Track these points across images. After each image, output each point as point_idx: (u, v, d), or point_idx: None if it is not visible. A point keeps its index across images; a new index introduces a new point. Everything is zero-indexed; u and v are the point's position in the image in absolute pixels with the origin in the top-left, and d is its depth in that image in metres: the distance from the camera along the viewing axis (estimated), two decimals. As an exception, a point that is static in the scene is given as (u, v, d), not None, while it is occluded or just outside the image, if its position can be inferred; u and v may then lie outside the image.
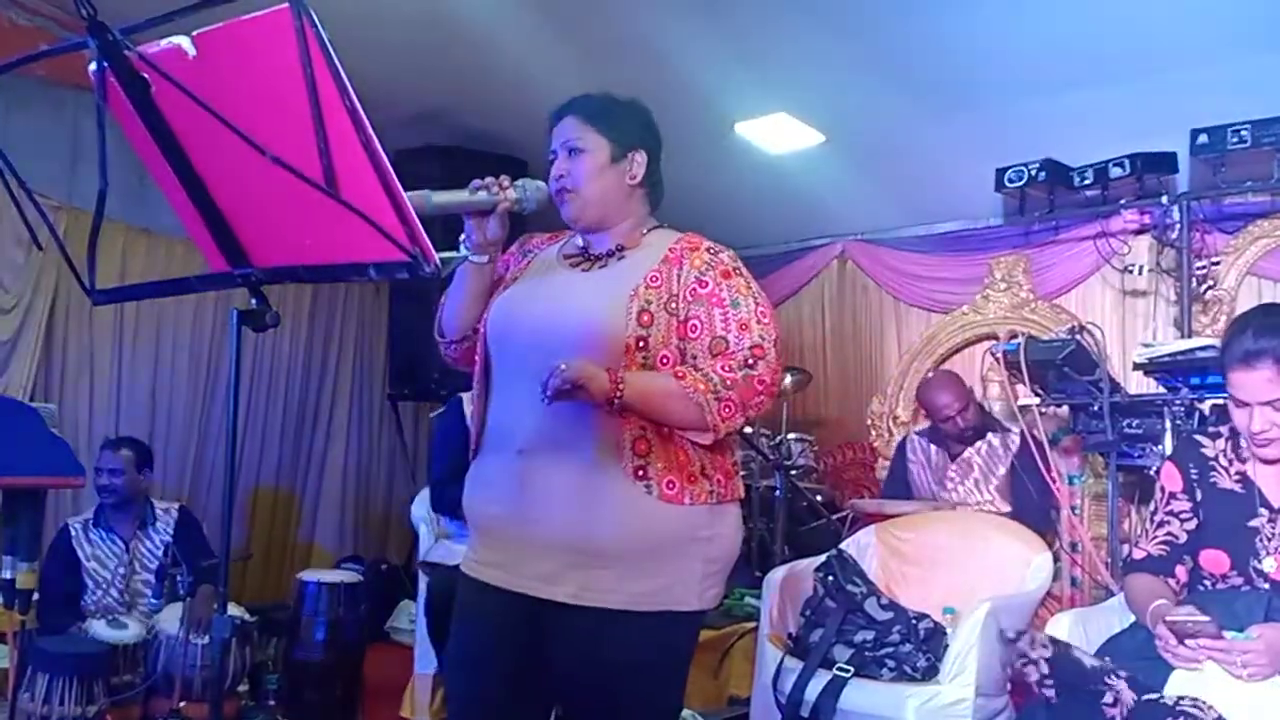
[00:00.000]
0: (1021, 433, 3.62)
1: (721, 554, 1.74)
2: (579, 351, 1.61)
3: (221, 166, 1.29)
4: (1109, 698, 1.79)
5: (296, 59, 1.13)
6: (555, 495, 1.65)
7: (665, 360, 1.66)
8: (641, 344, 1.65)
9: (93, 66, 1.26)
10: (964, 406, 3.92)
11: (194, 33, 1.22)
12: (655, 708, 1.75)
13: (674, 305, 1.68)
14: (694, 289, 1.68)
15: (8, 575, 1.90)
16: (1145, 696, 1.78)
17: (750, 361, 1.63)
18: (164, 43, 1.24)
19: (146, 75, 1.23)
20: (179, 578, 3.45)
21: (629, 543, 1.63)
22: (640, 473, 1.64)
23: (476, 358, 1.83)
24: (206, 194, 1.31)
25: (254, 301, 1.37)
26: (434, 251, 1.21)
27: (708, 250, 1.73)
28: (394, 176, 1.17)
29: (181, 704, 3.25)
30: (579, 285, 1.75)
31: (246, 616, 3.48)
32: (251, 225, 1.32)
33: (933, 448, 4.10)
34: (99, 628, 3.36)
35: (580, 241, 1.83)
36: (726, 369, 1.62)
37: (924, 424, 4.39)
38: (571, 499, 1.64)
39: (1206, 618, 1.80)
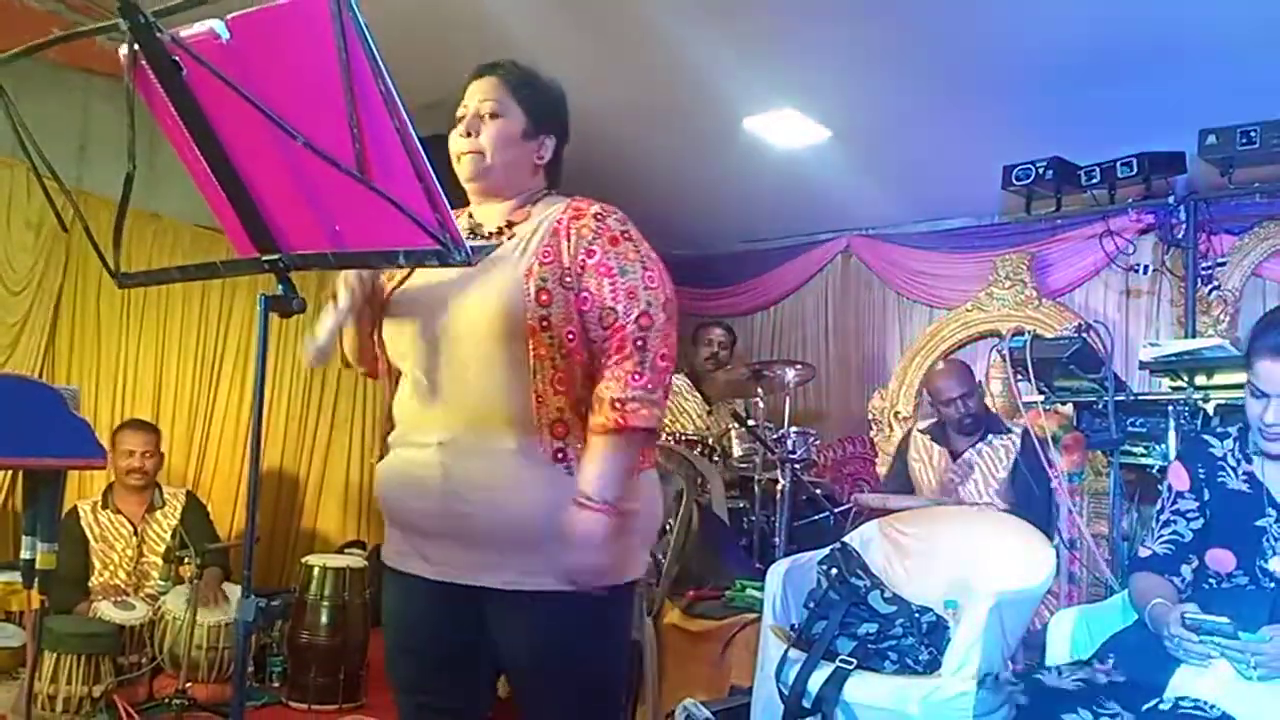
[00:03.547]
0: (1024, 432, 3.63)
1: (648, 522, 1.77)
2: (484, 340, 1.63)
3: (252, 151, 1.29)
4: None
5: (331, 44, 1.13)
6: (479, 486, 1.64)
7: (571, 336, 1.65)
8: (545, 324, 1.64)
9: (124, 49, 1.26)
10: (967, 393, 3.93)
11: (228, 16, 1.23)
12: (605, 676, 1.77)
13: (568, 279, 1.66)
14: (583, 260, 1.66)
15: (28, 555, 1.91)
16: (1145, 707, 1.79)
17: (640, 340, 1.62)
18: (197, 26, 1.24)
19: (179, 58, 1.24)
20: (186, 560, 3.47)
21: (557, 525, 1.62)
22: (560, 455, 1.64)
23: (382, 368, 1.82)
24: (236, 178, 1.32)
25: (281, 287, 1.38)
26: (464, 239, 1.22)
27: (594, 216, 1.71)
28: (427, 163, 1.18)
29: (187, 684, 3.28)
30: (474, 271, 1.69)
31: (261, 600, 3.51)
32: (281, 210, 1.33)
33: (935, 446, 4.11)
34: (106, 608, 3.37)
35: (467, 222, 1.80)
36: (634, 375, 1.61)
37: (927, 421, 4.41)
38: (495, 488, 1.64)
39: (1225, 619, 1.80)
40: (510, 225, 1.75)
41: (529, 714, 1.77)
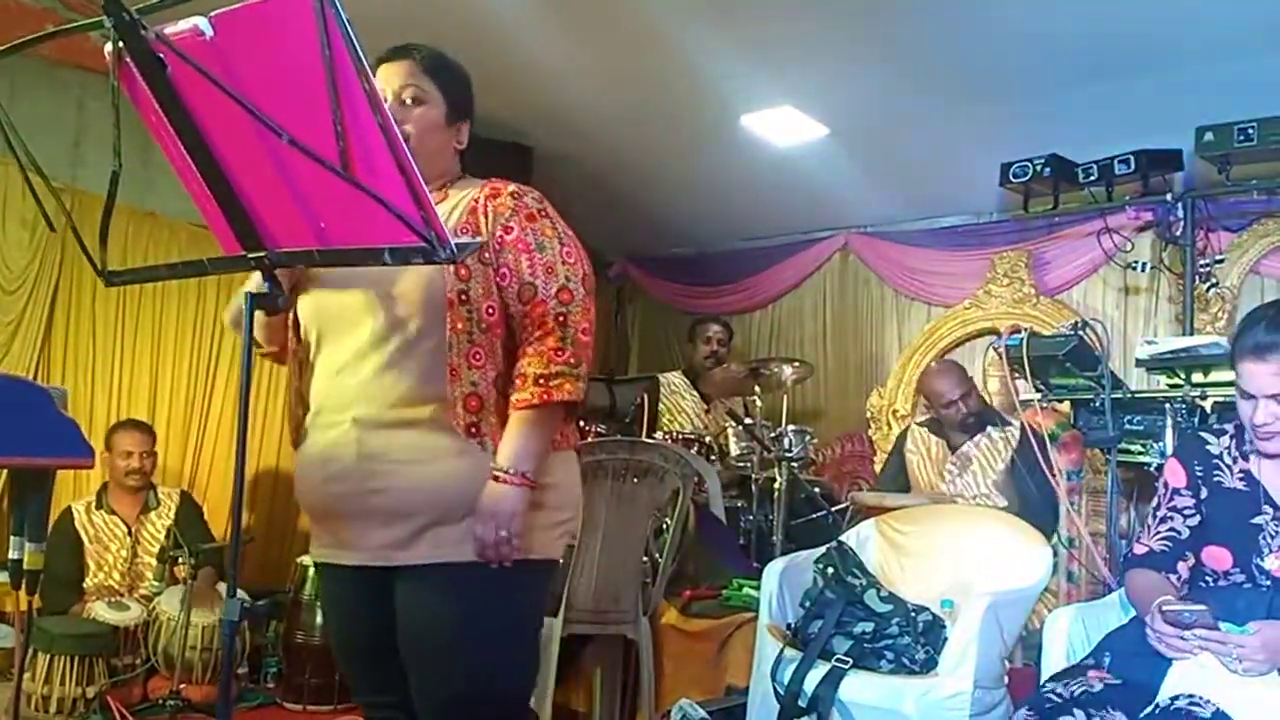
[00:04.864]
0: (1022, 427, 3.62)
1: (565, 500, 1.75)
2: (400, 312, 1.63)
3: (237, 148, 1.28)
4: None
5: (315, 41, 1.13)
6: (391, 460, 1.64)
7: (490, 311, 1.67)
8: (463, 298, 1.64)
9: (108, 46, 1.25)
10: (966, 393, 3.94)
11: (211, 14, 1.22)
12: (501, 656, 1.71)
13: (486, 256, 1.67)
14: (501, 237, 1.68)
15: (16, 555, 1.90)
16: (1142, 714, 1.78)
17: (561, 316, 1.65)
18: (181, 23, 1.24)
19: (163, 56, 1.23)
20: (180, 560, 3.47)
21: (471, 499, 1.62)
22: (473, 429, 1.64)
23: (290, 354, 1.81)
24: (222, 176, 1.31)
25: (266, 284, 1.37)
26: (449, 236, 1.21)
27: (511, 195, 1.72)
28: (411, 161, 1.17)
29: (181, 685, 3.27)
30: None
31: (246, 600, 3.50)
32: (267, 208, 1.32)
33: (933, 439, 4.10)
34: (100, 609, 3.37)
35: None
36: (556, 351, 1.63)
37: (925, 416, 4.40)
38: (407, 461, 1.64)
39: (1203, 606, 1.80)
40: None
41: (418, 693, 1.70)
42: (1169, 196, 4.19)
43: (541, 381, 1.62)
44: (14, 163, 3.87)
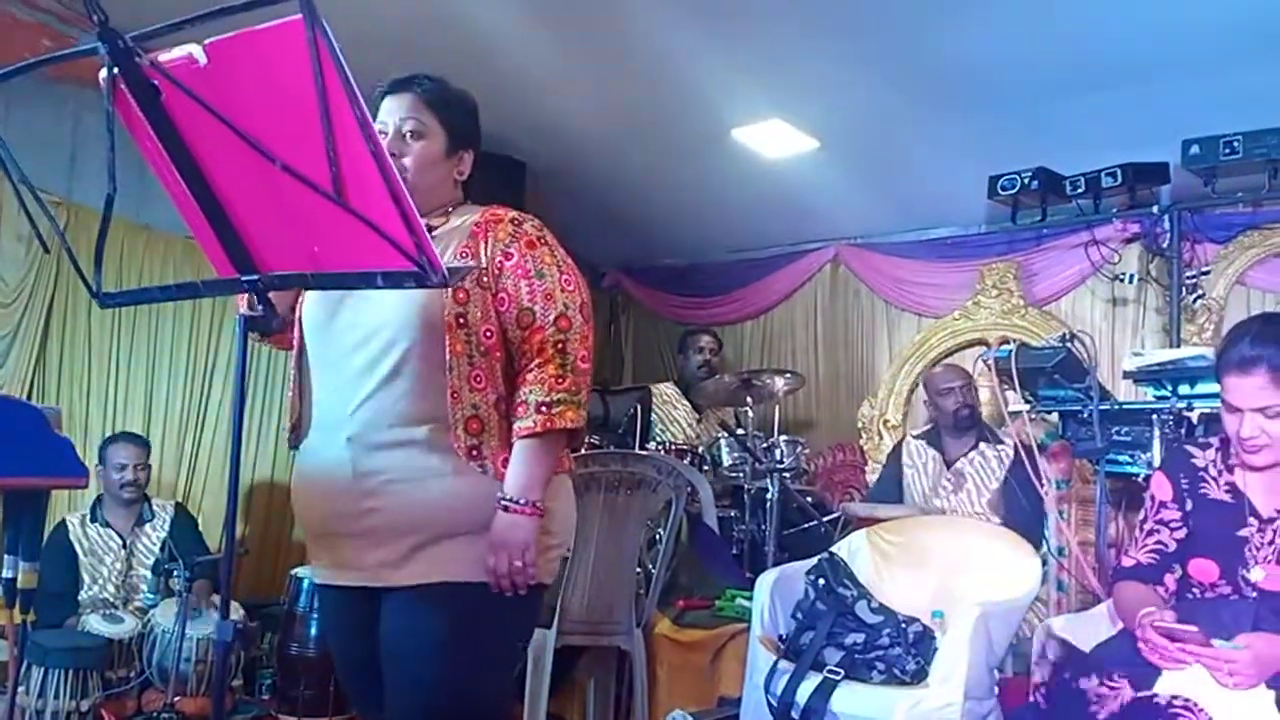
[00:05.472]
0: (1015, 446, 3.65)
1: (559, 526, 1.76)
2: (400, 333, 1.65)
3: (231, 173, 1.30)
4: (1107, 695, 1.81)
5: (308, 69, 1.14)
6: (388, 481, 1.65)
7: (489, 334, 1.68)
8: (461, 321, 1.66)
9: (103, 73, 1.27)
10: (965, 384, 3.98)
11: (205, 41, 1.24)
12: (494, 676, 1.72)
13: (485, 280, 1.70)
14: (500, 262, 1.70)
15: (9, 574, 1.91)
16: (1140, 693, 1.80)
17: (560, 343, 1.67)
18: (175, 50, 1.25)
19: (157, 82, 1.25)
20: (175, 573, 3.47)
21: (467, 521, 1.63)
22: (474, 452, 1.65)
23: (294, 343, 1.84)
24: (215, 200, 1.33)
25: (260, 306, 1.39)
26: (441, 261, 1.23)
27: (511, 222, 1.75)
28: (403, 186, 1.19)
29: (176, 698, 3.27)
30: None
31: (238, 620, 3.50)
32: (260, 232, 1.34)
33: (929, 452, 4.12)
34: (95, 622, 3.37)
35: None
36: (557, 379, 1.65)
37: (920, 429, 4.42)
38: (403, 480, 1.64)
39: (1193, 628, 1.82)
40: (431, 230, 1.75)
41: (392, 701, 1.70)
42: (1155, 209, 4.23)
43: (544, 409, 1.63)
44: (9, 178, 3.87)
